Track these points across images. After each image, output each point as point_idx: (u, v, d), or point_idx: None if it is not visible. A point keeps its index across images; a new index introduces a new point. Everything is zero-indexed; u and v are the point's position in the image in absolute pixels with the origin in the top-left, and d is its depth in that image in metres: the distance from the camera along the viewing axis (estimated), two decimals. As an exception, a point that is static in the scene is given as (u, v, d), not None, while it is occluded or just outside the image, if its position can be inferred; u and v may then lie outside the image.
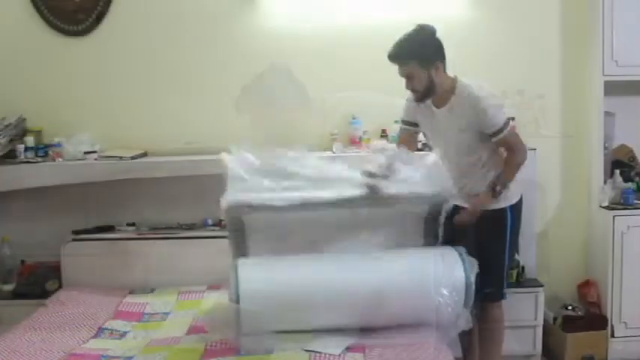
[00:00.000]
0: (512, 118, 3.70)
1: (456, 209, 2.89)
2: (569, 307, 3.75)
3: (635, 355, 3.65)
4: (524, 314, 3.53)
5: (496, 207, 2.93)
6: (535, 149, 3.57)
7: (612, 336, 3.67)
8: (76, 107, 3.84)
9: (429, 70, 2.86)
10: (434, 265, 2.68)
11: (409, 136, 3.14)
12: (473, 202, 2.92)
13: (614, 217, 3.63)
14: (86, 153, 3.66)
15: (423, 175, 2.79)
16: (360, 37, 3.79)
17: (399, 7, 3.78)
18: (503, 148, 2.97)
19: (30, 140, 3.69)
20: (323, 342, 2.60)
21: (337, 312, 2.65)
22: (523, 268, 3.69)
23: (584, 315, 3.74)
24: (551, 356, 3.72)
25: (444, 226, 3.10)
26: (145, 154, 3.79)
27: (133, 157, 3.65)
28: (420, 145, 3.36)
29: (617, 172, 3.77)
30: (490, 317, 3.03)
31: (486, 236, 2.93)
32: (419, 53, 2.85)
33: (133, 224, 3.78)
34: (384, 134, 3.74)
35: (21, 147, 3.65)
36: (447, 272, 2.66)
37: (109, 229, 3.76)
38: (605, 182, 3.74)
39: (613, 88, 3.70)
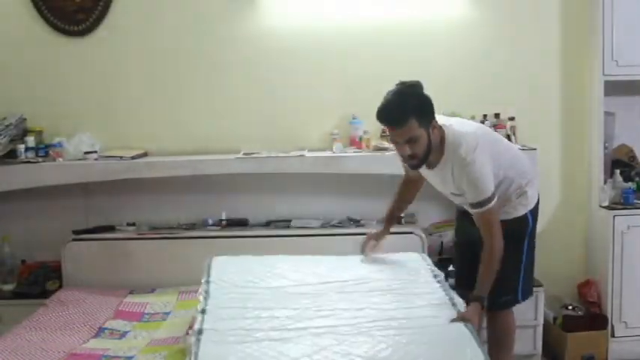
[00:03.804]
0: (512, 118, 3.74)
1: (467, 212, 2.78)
2: (570, 307, 3.75)
3: (635, 355, 3.65)
4: (524, 314, 3.52)
5: (516, 215, 2.78)
6: (535, 149, 3.57)
7: (612, 336, 3.67)
8: (77, 107, 3.84)
9: (427, 129, 2.51)
10: None
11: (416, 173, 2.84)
12: (460, 315, 2.47)
13: (614, 216, 3.63)
14: (86, 153, 3.66)
15: None
16: (360, 37, 3.79)
17: (399, 6, 3.78)
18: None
19: (30, 140, 3.69)
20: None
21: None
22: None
23: (585, 315, 3.73)
24: (552, 356, 3.72)
25: (458, 230, 3.08)
26: (145, 154, 3.79)
27: (133, 157, 3.65)
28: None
29: (617, 171, 3.77)
30: (500, 325, 2.92)
31: (505, 245, 2.66)
32: (419, 111, 2.47)
33: (133, 224, 3.78)
34: (384, 134, 3.72)
35: (21, 147, 3.65)
36: None
37: (109, 229, 3.76)
38: (605, 182, 3.74)
39: (613, 88, 3.70)
